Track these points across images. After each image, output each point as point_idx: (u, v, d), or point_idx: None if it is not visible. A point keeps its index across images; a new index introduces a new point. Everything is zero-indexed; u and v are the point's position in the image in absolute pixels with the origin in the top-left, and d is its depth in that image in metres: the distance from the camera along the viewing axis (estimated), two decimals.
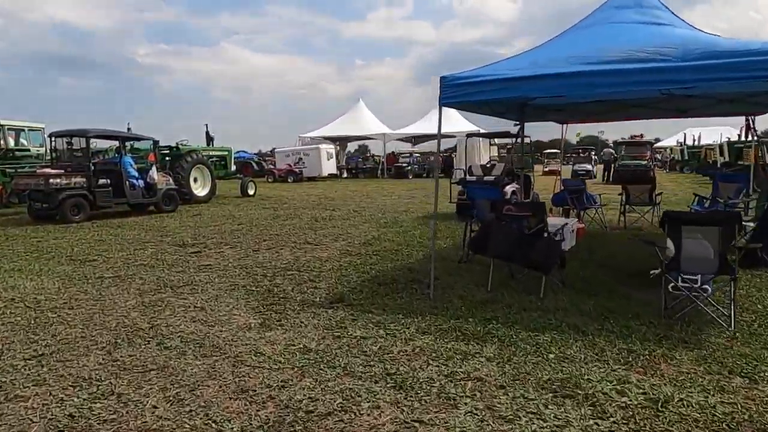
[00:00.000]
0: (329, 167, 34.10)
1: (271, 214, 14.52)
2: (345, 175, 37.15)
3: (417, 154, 40.56)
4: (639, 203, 10.90)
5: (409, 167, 35.85)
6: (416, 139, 41.74)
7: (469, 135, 13.16)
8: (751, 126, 8.72)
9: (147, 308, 5.61)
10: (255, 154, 54.41)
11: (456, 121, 36.55)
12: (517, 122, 8.76)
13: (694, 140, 39.86)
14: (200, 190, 18.08)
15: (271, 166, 34.92)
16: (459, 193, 12.67)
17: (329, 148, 34.81)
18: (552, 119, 9.37)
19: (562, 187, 11.15)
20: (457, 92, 5.50)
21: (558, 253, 5.57)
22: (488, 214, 7.17)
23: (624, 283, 6.22)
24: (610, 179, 25.77)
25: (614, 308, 5.22)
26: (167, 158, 17.68)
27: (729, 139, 29.67)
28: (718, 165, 25.20)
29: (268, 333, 4.75)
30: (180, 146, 17.94)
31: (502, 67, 5.54)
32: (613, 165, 27.57)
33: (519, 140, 9.18)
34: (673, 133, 49.68)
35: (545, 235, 5.64)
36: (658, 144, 50.64)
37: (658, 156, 42.05)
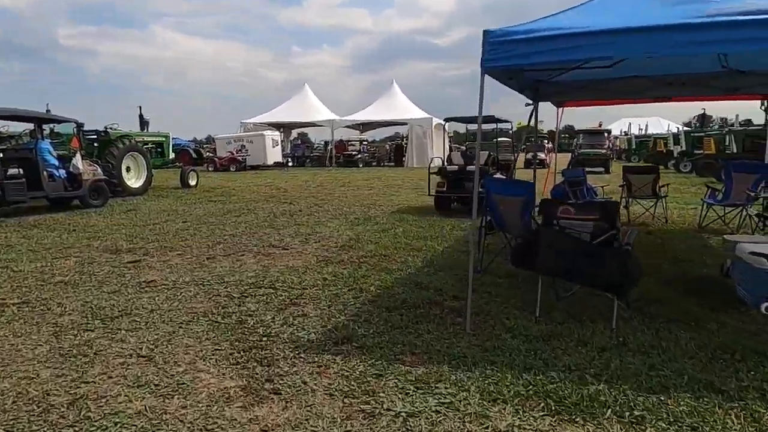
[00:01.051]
0: (275, 155, 32.02)
1: (221, 208, 12.62)
2: (291, 163, 35.09)
3: (366, 142, 38.98)
4: (642, 196, 9.84)
5: (360, 156, 34.21)
6: (364, 126, 40.11)
7: (448, 119, 11.75)
8: None
9: (66, 362, 3.83)
10: (190, 141, 51.29)
11: (407, 108, 35.28)
12: (530, 102, 7.41)
13: (640, 129, 40.31)
14: (134, 180, 15.83)
15: (211, 154, 32.44)
16: (438, 184, 11.27)
17: (274, 135, 32.67)
18: (559, 99, 8.05)
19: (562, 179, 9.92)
20: (508, 52, 4.00)
21: (638, 269, 4.21)
22: (516, 220, 5.76)
23: (691, 299, 4.97)
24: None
25: (720, 343, 3.91)
26: (95, 144, 15.31)
27: (680, 128, 29.82)
28: (675, 155, 25.05)
29: (259, 410, 3.11)
30: (109, 130, 15.58)
31: (560, 23, 4.08)
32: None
33: (533, 124, 7.84)
34: (610, 123, 50.25)
35: (615, 244, 4.27)
36: None
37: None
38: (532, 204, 5.78)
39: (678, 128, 32.71)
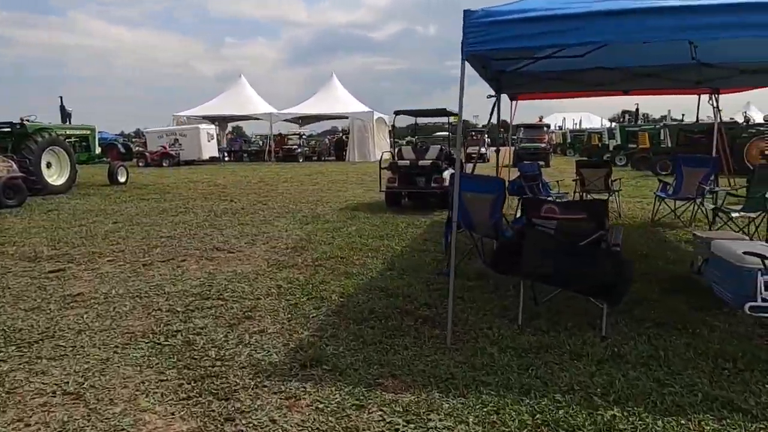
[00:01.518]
0: (210, 149, 30.65)
1: (155, 207, 11.67)
2: (227, 158, 33.76)
3: (305, 136, 38.10)
4: (595, 190, 9.77)
5: (300, 150, 33.33)
6: (304, 120, 39.17)
7: (398, 112, 11.32)
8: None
9: None
10: (118, 135, 48.60)
11: (347, 102, 34.67)
12: (492, 95, 7.07)
13: (574, 124, 41.47)
14: (56, 178, 14.49)
15: (141, 149, 30.69)
16: (389, 180, 10.83)
17: (209, 128, 31.26)
18: (518, 91, 7.76)
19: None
20: (493, 34, 3.58)
21: (630, 271, 3.91)
22: (485, 220, 5.40)
23: (671, 298, 4.77)
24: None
25: (719, 350, 3.66)
26: (9, 139, 13.88)
27: (613, 124, 30.78)
28: (610, 149, 25.74)
29: None
30: (26, 123, 14.16)
31: (552, 4, 3.70)
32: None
33: (493, 117, 7.52)
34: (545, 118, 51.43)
35: (603, 246, 3.96)
36: None
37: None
38: (503, 203, 5.43)
39: (612, 124, 33.74)
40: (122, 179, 17.02)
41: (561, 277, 4.01)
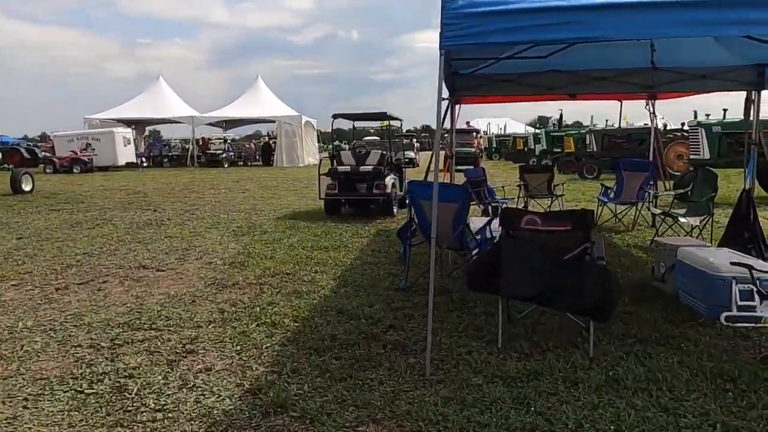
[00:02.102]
0: (127, 155, 28.83)
1: (67, 219, 10.51)
2: (146, 163, 31.83)
3: (230, 141, 36.71)
4: (539, 195, 9.70)
5: (225, 155, 31.98)
6: (228, 123, 37.72)
7: (336, 116, 10.80)
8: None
9: None
10: (20, 139, 44.86)
11: (274, 105, 33.70)
12: (447, 98, 6.73)
13: (499, 129, 42.52)
14: None
15: (48, 154, 28.33)
16: (328, 186, 10.30)
17: (126, 132, 29.39)
18: (468, 94, 7.46)
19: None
20: (472, 27, 3.19)
21: (618, 286, 3.63)
22: (447, 231, 5.02)
23: (643, 309, 4.58)
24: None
25: (714, 368, 3.44)
26: None
27: (541, 128, 31.68)
28: (536, 153, 26.39)
29: None
30: None
31: None
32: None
33: (451, 121, 7.18)
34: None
35: (588, 258, 3.66)
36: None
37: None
38: (467, 212, 5.07)
39: (540, 128, 34.62)
40: (27, 188, 15.42)
41: (545, 295, 3.67)
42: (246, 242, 8.05)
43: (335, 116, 10.83)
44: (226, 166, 31.15)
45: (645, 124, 26.46)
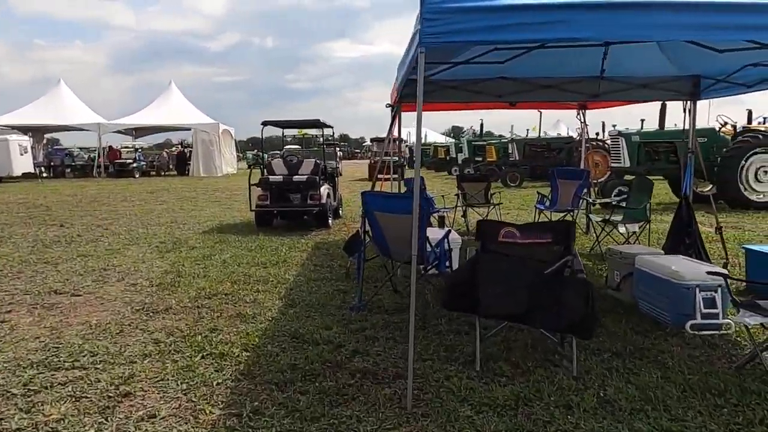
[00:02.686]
0: (24, 164, 26.36)
1: None
2: (45, 174, 29.33)
3: (140, 149, 34.64)
4: (476, 204, 9.64)
5: (136, 164, 30.08)
6: (138, 131, 35.62)
7: (266, 123, 10.21)
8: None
9: None
10: None
11: (189, 112, 32.21)
12: (390, 104, 6.43)
13: (411, 137, 42.96)
14: None
15: None
16: (259, 197, 9.73)
17: (22, 140, 26.89)
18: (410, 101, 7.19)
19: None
20: (455, 24, 2.92)
21: (596, 303, 3.46)
22: (405, 245, 4.71)
23: (607, 321, 4.48)
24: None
25: (698, 382, 3.33)
26: None
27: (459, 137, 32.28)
28: (459, 161, 26.81)
29: None
30: None
31: None
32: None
33: (390, 130, 6.86)
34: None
35: (567, 273, 3.47)
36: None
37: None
38: (426, 223, 4.79)
39: (455, 138, 35.32)
40: None
41: (527, 313, 3.44)
42: (173, 259, 7.35)
43: (265, 123, 10.27)
44: (137, 176, 29.31)
45: (558, 134, 27.65)
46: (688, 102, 6.27)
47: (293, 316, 4.82)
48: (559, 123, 38.78)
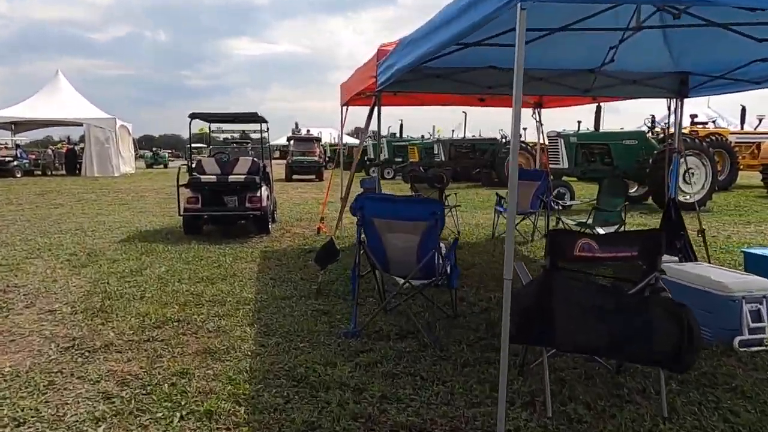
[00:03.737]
0: None
1: None
2: None
3: (20, 146, 30.89)
4: None
5: (18, 162, 26.70)
6: (18, 126, 31.75)
7: (194, 115, 8.91)
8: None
9: None
10: None
11: (80, 106, 29.17)
12: (371, 93, 5.58)
13: (332, 137, 42.15)
14: None
15: None
16: (188, 200, 8.50)
17: None
18: (387, 90, 6.38)
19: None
20: None
21: (697, 325, 2.87)
22: (410, 257, 3.95)
23: None
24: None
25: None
26: None
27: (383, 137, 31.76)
28: (378, 162, 26.25)
29: None
30: None
31: None
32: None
33: (367, 123, 5.99)
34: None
35: (647, 291, 2.88)
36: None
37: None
38: (438, 233, 4.04)
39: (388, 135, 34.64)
40: None
41: (613, 344, 2.79)
42: (93, 276, 6.05)
43: (192, 116, 9.01)
44: (19, 175, 26.01)
45: (473, 136, 27.92)
46: (675, 100, 6.01)
47: (278, 349, 3.87)
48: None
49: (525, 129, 21.26)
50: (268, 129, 9.97)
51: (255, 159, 9.24)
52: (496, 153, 19.89)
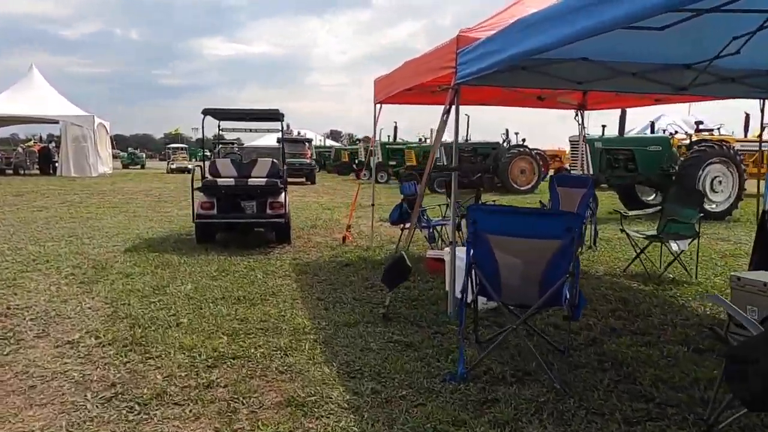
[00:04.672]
0: None
1: None
2: None
3: None
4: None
5: None
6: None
7: (207, 111, 8.01)
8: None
9: None
10: None
11: (56, 103, 27.72)
12: (447, 86, 4.82)
13: (319, 140, 41.29)
14: None
15: None
16: (202, 205, 7.61)
17: None
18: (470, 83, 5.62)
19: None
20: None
21: None
22: (531, 283, 3.21)
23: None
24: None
25: None
26: None
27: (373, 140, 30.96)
28: (369, 165, 25.51)
29: None
30: None
31: None
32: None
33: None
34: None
35: None
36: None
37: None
38: (573, 254, 3.30)
39: (358, 141, 33.97)
40: None
41: None
42: (107, 294, 5.16)
43: (205, 112, 8.14)
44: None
45: (466, 139, 27.36)
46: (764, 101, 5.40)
47: (379, 399, 3.09)
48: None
49: (517, 134, 20.72)
50: (288, 127, 9.15)
51: (275, 161, 8.39)
52: (498, 157, 19.30)
